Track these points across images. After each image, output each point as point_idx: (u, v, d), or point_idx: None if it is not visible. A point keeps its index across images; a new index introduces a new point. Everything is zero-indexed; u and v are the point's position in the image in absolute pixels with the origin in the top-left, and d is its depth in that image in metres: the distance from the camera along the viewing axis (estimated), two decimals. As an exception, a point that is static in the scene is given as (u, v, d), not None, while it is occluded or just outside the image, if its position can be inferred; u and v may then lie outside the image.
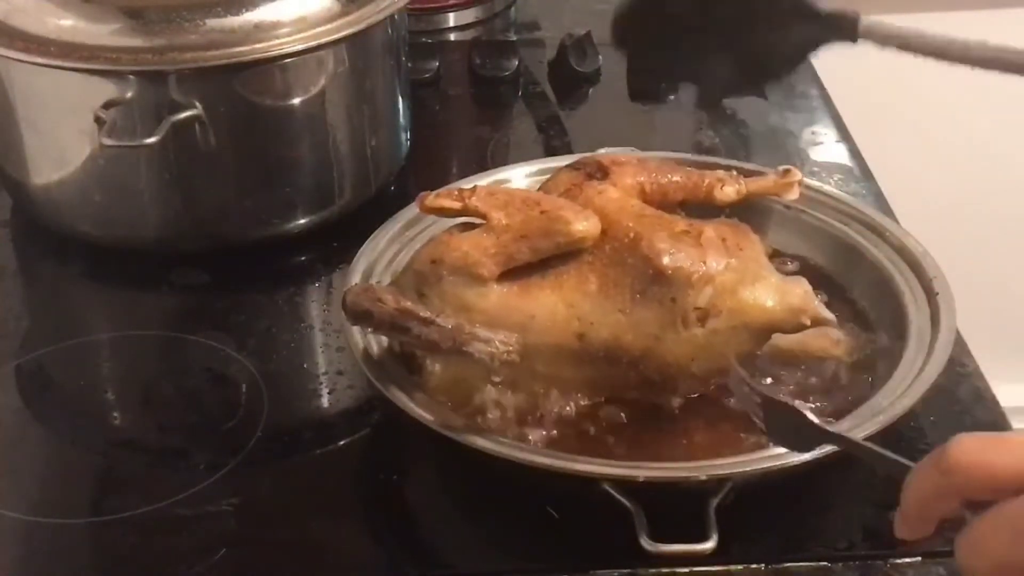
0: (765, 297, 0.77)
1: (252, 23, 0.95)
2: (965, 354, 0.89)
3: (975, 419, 0.84)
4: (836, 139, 1.18)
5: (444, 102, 1.26)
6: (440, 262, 0.76)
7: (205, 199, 1.00)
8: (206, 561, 0.75)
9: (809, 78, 1.29)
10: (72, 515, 0.79)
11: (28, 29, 0.95)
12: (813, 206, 0.91)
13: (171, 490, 0.79)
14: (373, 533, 0.78)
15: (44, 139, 1.00)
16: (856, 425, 0.73)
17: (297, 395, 0.89)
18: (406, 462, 0.83)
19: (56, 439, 0.88)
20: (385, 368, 0.79)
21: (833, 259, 0.90)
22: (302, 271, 1.02)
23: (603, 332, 0.76)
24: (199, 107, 0.94)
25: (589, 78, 1.28)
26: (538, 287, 0.76)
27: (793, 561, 0.74)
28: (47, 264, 1.06)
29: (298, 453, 0.85)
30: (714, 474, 0.71)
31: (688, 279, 0.75)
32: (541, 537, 0.76)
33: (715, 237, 0.78)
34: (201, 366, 0.92)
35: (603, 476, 0.71)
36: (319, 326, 0.96)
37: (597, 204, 0.79)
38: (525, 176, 0.95)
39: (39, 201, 1.03)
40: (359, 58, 1.01)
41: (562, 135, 1.20)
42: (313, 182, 1.02)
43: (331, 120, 1.01)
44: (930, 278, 0.84)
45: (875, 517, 0.76)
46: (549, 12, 1.44)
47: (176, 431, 0.87)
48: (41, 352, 0.95)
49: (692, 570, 0.73)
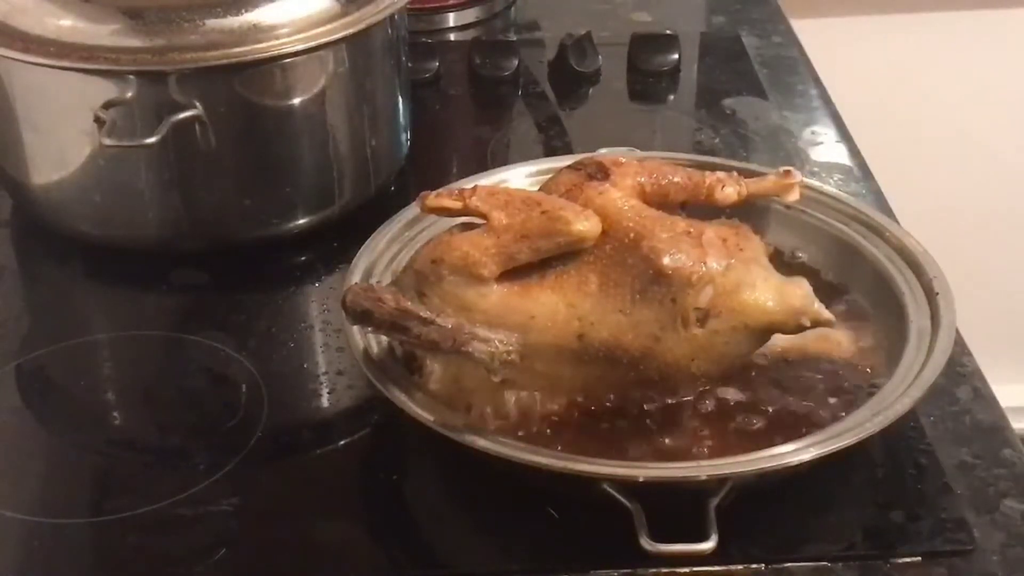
0: (765, 298, 0.77)
1: (252, 23, 0.95)
2: (965, 354, 0.89)
3: (975, 419, 0.84)
4: (836, 139, 1.18)
5: (444, 102, 1.26)
6: (440, 262, 0.76)
7: (205, 199, 0.99)
8: (206, 561, 0.75)
9: (809, 78, 1.30)
10: (72, 515, 0.79)
11: (28, 29, 0.95)
12: (813, 206, 0.91)
13: (171, 490, 0.79)
14: (373, 533, 0.78)
15: (44, 139, 0.99)
16: (856, 425, 0.74)
17: (297, 395, 0.89)
18: (406, 462, 0.83)
19: (56, 439, 0.88)
20: (385, 368, 0.79)
21: (833, 259, 0.90)
22: (302, 271, 1.02)
23: (603, 332, 0.76)
24: (199, 107, 0.94)
25: (589, 78, 1.28)
26: (538, 287, 0.76)
27: (793, 561, 0.74)
28: (47, 264, 1.06)
29: (298, 453, 0.85)
30: (714, 474, 0.71)
31: (688, 279, 0.75)
32: (541, 537, 0.76)
33: (716, 238, 0.78)
34: (201, 366, 0.92)
35: (603, 476, 0.71)
36: (319, 326, 0.96)
37: (598, 204, 0.79)
38: (525, 176, 0.95)
39: (39, 201, 1.03)
40: (359, 58, 1.01)
41: (562, 135, 1.20)
42: (313, 182, 1.02)
43: (331, 120, 1.01)
44: (930, 278, 0.84)
45: (875, 517, 0.76)
46: (549, 12, 1.44)
47: (176, 431, 0.87)
48: (41, 352, 0.95)
49: (692, 570, 0.73)
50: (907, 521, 0.76)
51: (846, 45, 1.61)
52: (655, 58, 1.28)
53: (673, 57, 1.29)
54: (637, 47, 1.29)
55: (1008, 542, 0.75)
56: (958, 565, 0.73)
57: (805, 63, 1.33)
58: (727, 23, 1.42)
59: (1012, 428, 0.84)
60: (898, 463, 0.80)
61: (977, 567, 0.73)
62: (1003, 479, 0.79)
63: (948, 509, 0.76)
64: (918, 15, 1.66)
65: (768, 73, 1.30)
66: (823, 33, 1.46)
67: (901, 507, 0.77)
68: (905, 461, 0.80)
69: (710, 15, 1.44)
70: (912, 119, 1.66)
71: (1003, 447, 0.82)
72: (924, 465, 0.80)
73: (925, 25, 1.66)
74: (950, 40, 1.65)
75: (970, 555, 0.74)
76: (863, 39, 1.65)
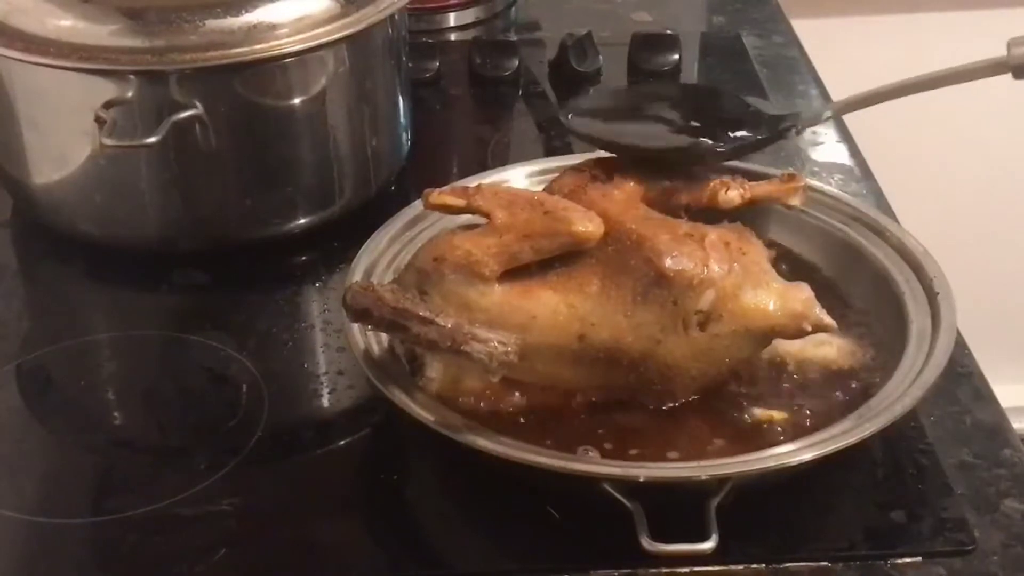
0: (767, 302, 0.77)
1: (252, 23, 0.95)
2: (965, 354, 0.89)
3: (975, 419, 0.84)
4: (836, 139, 1.17)
5: (444, 102, 1.26)
6: (442, 260, 0.76)
7: (205, 199, 0.99)
8: (206, 561, 0.75)
9: (809, 78, 1.30)
10: (72, 515, 0.79)
11: (28, 29, 0.95)
12: (813, 206, 0.91)
13: (171, 490, 0.79)
14: (373, 533, 0.78)
15: (44, 139, 0.99)
16: (856, 425, 0.74)
17: (297, 395, 0.89)
18: (406, 462, 0.83)
19: (56, 439, 0.88)
20: (385, 368, 0.79)
21: (833, 259, 0.90)
22: (302, 271, 1.02)
23: (604, 333, 0.76)
24: (199, 107, 0.94)
25: (589, 78, 1.27)
26: (540, 287, 0.76)
27: (793, 561, 0.74)
28: (47, 264, 1.06)
29: (298, 453, 0.85)
30: (714, 474, 0.71)
31: (690, 282, 0.75)
32: (541, 537, 0.76)
33: (718, 241, 0.78)
34: (201, 366, 0.92)
35: (603, 476, 0.71)
36: (319, 326, 0.96)
37: (601, 206, 0.79)
38: (525, 176, 0.95)
39: (39, 201, 1.03)
40: (359, 58, 1.01)
41: (562, 135, 1.20)
42: (313, 182, 1.02)
43: (331, 120, 1.01)
44: (930, 278, 0.84)
45: (875, 517, 0.76)
46: (549, 12, 1.44)
47: (176, 431, 0.87)
48: (41, 352, 0.95)
49: (692, 570, 0.73)
50: (907, 521, 0.76)
51: (846, 45, 1.61)
52: (656, 58, 1.28)
53: (674, 57, 1.29)
54: (638, 47, 1.29)
55: (1008, 542, 0.75)
56: (958, 565, 0.73)
57: (805, 63, 1.33)
58: (727, 23, 1.42)
59: (1012, 428, 0.84)
60: (898, 463, 0.80)
61: (977, 567, 0.73)
62: (1003, 479, 0.79)
63: (948, 509, 0.76)
64: (918, 15, 1.67)
65: (768, 73, 1.30)
66: (823, 33, 1.46)
67: (901, 507, 0.77)
68: (905, 461, 0.80)
69: (710, 15, 1.44)
70: (912, 119, 1.66)
71: (1003, 447, 0.82)
72: (924, 465, 0.80)
73: (925, 25, 1.66)
74: (950, 40, 1.65)
75: (970, 555, 0.74)
76: (863, 39, 1.65)
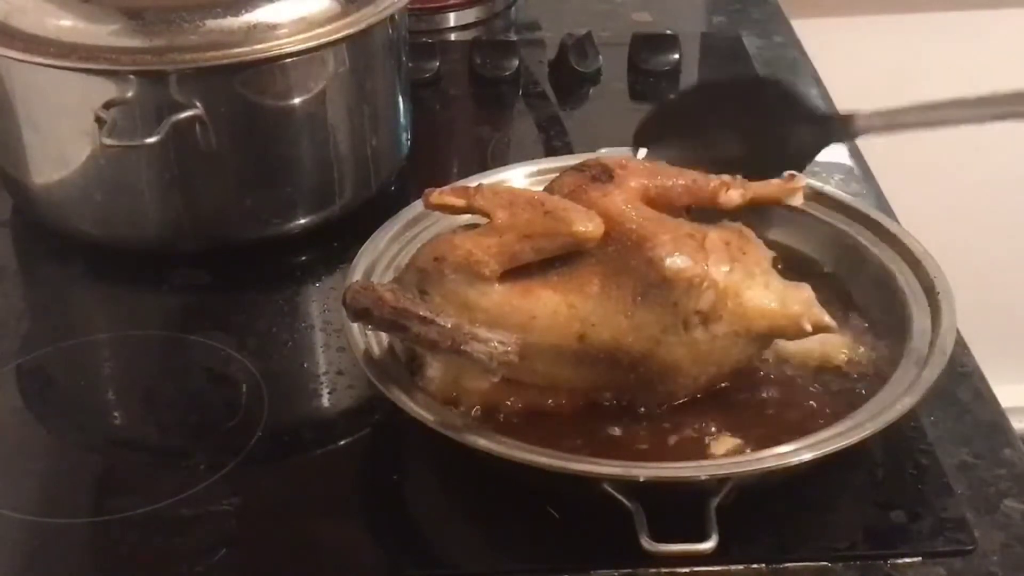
0: (767, 302, 0.77)
1: (252, 23, 0.95)
2: (965, 354, 0.89)
3: (975, 419, 0.84)
4: (836, 139, 1.17)
5: (444, 102, 1.26)
6: (443, 260, 0.76)
7: (205, 199, 0.99)
8: (206, 561, 0.75)
9: (809, 78, 1.30)
10: (72, 515, 0.79)
11: (28, 29, 0.95)
12: (814, 206, 0.91)
13: (171, 490, 0.79)
14: (373, 533, 0.78)
15: (44, 139, 0.99)
16: (856, 425, 0.74)
17: (297, 395, 0.89)
18: (406, 462, 0.83)
19: (56, 439, 0.88)
20: (386, 368, 0.79)
21: (834, 259, 0.90)
22: (302, 271, 1.02)
23: (604, 334, 0.76)
24: (199, 107, 0.94)
25: (589, 78, 1.28)
26: (540, 287, 0.76)
27: (793, 561, 0.74)
28: (47, 264, 1.06)
29: (298, 453, 0.85)
30: (714, 474, 0.71)
31: (690, 283, 0.75)
32: (541, 537, 0.76)
33: (718, 241, 0.78)
34: (201, 366, 0.92)
35: (603, 476, 0.71)
36: (319, 326, 0.96)
37: (601, 206, 0.79)
38: (525, 176, 0.95)
39: (39, 201, 1.03)
40: (359, 58, 1.01)
41: (562, 135, 1.20)
42: (313, 182, 1.02)
43: (331, 120, 1.01)
44: (930, 278, 0.84)
45: (875, 517, 0.76)
46: (549, 12, 1.44)
47: (176, 431, 0.87)
48: (41, 352, 0.95)
49: (692, 570, 0.73)
50: (907, 521, 0.76)
51: (846, 45, 1.61)
52: (656, 58, 1.28)
53: (674, 57, 1.29)
54: (638, 47, 1.29)
55: (1008, 542, 0.75)
56: (958, 565, 0.73)
57: (805, 63, 1.33)
58: (728, 23, 1.42)
59: (1012, 428, 0.84)
60: (898, 463, 0.80)
61: (977, 567, 0.73)
62: (1003, 479, 0.79)
63: (948, 509, 0.76)
64: (918, 15, 1.66)
65: (769, 73, 1.29)
66: (823, 33, 1.46)
67: (901, 507, 0.77)
68: (905, 461, 0.80)
69: (711, 15, 1.44)
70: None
71: (1003, 447, 0.82)
72: (924, 465, 0.80)
73: (925, 25, 1.66)
74: (950, 40, 1.65)
75: (970, 555, 0.74)
76: (863, 39, 1.65)
